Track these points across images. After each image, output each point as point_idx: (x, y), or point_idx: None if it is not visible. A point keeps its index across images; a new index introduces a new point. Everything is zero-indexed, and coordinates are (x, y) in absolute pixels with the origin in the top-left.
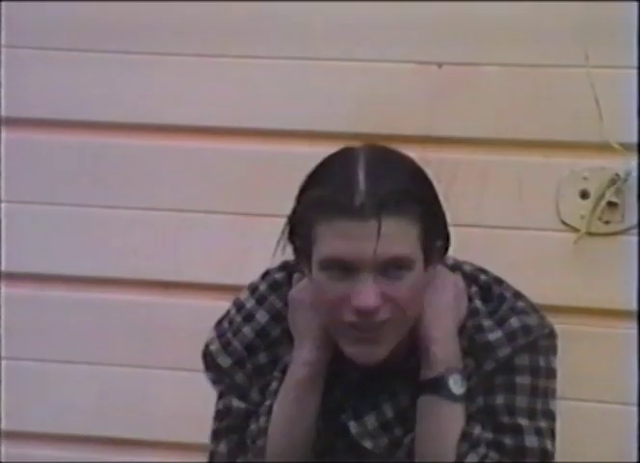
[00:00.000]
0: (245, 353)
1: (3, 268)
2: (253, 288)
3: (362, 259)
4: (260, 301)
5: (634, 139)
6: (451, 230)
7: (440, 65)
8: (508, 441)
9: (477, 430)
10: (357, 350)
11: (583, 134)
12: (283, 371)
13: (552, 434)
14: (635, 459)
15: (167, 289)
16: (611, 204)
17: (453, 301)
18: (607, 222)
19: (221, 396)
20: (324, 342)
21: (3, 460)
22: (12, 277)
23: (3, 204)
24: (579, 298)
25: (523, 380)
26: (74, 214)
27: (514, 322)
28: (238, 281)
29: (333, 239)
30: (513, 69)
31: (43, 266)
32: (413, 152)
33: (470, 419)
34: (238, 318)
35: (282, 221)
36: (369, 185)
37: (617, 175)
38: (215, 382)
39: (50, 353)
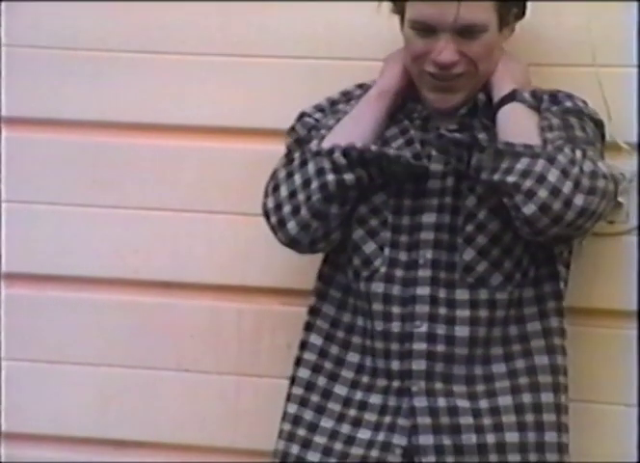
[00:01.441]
0: (327, 104)
1: (3, 269)
2: None
3: (444, 22)
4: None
5: (634, 138)
6: None
7: None
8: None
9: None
10: (435, 96)
11: None
12: None
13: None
14: (635, 459)
15: (167, 290)
16: (616, 204)
17: (522, 66)
18: (612, 222)
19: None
20: (401, 76)
21: (3, 461)
22: (11, 277)
23: (3, 204)
24: (583, 298)
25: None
26: (74, 214)
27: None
28: (238, 281)
29: (421, 3)
30: None
31: (43, 267)
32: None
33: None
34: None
35: None
36: None
37: (622, 174)
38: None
39: (50, 354)
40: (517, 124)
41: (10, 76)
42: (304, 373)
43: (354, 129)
